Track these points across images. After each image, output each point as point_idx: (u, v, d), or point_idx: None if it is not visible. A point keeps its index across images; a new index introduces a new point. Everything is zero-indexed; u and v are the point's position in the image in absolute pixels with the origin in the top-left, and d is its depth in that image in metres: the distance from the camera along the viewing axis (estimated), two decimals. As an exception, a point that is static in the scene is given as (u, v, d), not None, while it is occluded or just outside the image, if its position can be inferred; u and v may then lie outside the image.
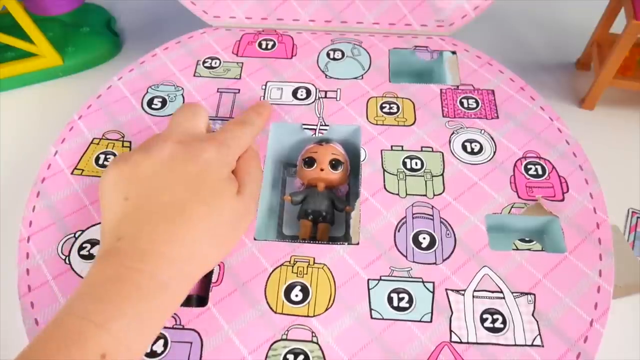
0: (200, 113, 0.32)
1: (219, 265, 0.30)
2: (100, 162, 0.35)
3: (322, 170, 0.35)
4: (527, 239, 0.33)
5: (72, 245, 0.31)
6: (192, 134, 0.30)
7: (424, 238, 0.31)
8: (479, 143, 0.36)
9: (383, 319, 0.29)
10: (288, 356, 0.27)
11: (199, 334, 0.28)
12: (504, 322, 0.28)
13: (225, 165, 0.29)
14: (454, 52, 0.42)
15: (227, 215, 0.28)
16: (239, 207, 0.29)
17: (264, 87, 0.39)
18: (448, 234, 0.31)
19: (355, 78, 0.40)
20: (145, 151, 0.28)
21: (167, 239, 0.26)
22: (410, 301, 0.29)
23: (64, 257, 0.31)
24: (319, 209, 0.34)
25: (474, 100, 0.38)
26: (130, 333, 0.23)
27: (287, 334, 0.28)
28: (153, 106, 0.38)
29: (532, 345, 0.28)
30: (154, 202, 0.26)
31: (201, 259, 0.27)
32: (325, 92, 0.39)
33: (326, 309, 0.29)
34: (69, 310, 0.23)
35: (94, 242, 0.31)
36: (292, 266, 0.30)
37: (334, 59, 0.41)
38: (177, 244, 0.26)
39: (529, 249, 0.31)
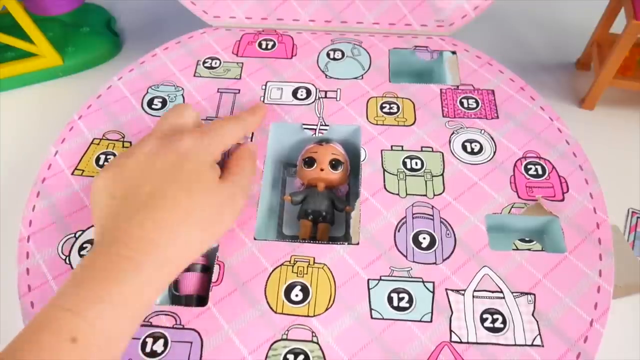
0: (188, 110, 0.32)
1: (218, 264, 0.30)
2: (101, 162, 0.35)
3: (322, 170, 0.35)
4: (527, 239, 0.33)
5: (72, 245, 0.31)
6: (176, 129, 0.30)
7: (424, 238, 0.31)
8: (479, 143, 0.36)
9: (383, 318, 0.29)
10: (288, 356, 0.27)
11: (199, 333, 0.28)
12: (504, 322, 0.28)
13: (205, 154, 0.29)
14: (454, 52, 0.42)
15: (208, 199, 0.28)
16: (221, 191, 0.29)
17: (264, 87, 0.39)
18: (448, 234, 0.31)
19: (355, 78, 0.40)
20: (129, 151, 0.29)
21: (148, 225, 0.26)
22: (411, 301, 0.29)
23: (64, 257, 0.31)
24: (319, 209, 0.34)
25: (474, 100, 0.38)
26: (107, 319, 0.23)
27: (287, 334, 0.28)
28: (153, 106, 0.39)
29: (532, 345, 0.28)
30: (137, 194, 0.27)
31: (183, 244, 0.27)
32: (325, 92, 0.39)
33: (326, 309, 0.29)
34: (51, 300, 0.24)
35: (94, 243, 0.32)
36: (292, 266, 0.30)
37: (334, 59, 0.41)
38: (158, 229, 0.26)
39: (529, 249, 0.31)
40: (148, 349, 0.28)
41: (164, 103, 0.39)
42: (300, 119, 0.37)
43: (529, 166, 0.35)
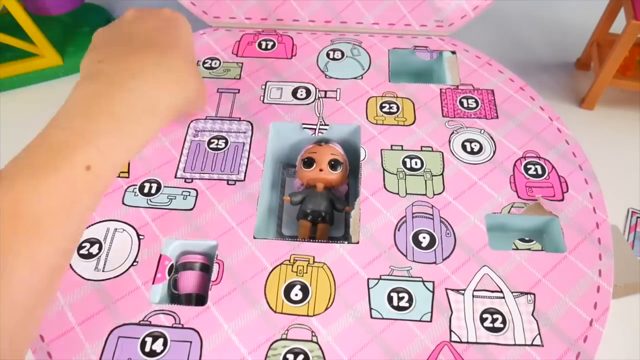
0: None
1: (217, 263, 0.30)
2: (100, 161, 0.35)
3: (321, 170, 0.35)
4: (527, 238, 0.33)
5: (72, 245, 0.31)
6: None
7: (424, 237, 0.31)
8: (479, 143, 0.36)
9: (383, 318, 0.28)
10: (288, 356, 0.27)
11: (198, 333, 0.28)
12: (504, 321, 0.28)
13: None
14: (453, 52, 0.42)
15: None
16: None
17: (263, 87, 0.39)
18: (448, 234, 0.31)
19: (355, 78, 0.40)
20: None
21: (153, 62, 0.26)
22: (410, 301, 0.29)
23: (63, 256, 0.31)
24: (318, 209, 0.34)
25: (473, 100, 0.38)
26: (116, 150, 0.24)
27: (287, 334, 0.28)
28: (153, 106, 0.38)
29: (531, 345, 0.28)
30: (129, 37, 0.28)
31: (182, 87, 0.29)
32: (325, 92, 0.39)
33: (326, 309, 0.29)
34: (55, 123, 0.24)
35: (93, 242, 0.31)
36: (292, 265, 0.30)
37: (333, 59, 0.41)
38: (164, 68, 0.26)
39: (528, 249, 0.31)
40: (147, 349, 0.27)
41: (164, 103, 0.38)
42: (300, 119, 0.37)
43: (528, 166, 0.35)
